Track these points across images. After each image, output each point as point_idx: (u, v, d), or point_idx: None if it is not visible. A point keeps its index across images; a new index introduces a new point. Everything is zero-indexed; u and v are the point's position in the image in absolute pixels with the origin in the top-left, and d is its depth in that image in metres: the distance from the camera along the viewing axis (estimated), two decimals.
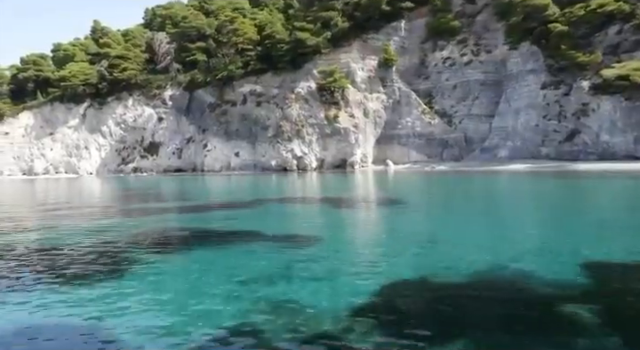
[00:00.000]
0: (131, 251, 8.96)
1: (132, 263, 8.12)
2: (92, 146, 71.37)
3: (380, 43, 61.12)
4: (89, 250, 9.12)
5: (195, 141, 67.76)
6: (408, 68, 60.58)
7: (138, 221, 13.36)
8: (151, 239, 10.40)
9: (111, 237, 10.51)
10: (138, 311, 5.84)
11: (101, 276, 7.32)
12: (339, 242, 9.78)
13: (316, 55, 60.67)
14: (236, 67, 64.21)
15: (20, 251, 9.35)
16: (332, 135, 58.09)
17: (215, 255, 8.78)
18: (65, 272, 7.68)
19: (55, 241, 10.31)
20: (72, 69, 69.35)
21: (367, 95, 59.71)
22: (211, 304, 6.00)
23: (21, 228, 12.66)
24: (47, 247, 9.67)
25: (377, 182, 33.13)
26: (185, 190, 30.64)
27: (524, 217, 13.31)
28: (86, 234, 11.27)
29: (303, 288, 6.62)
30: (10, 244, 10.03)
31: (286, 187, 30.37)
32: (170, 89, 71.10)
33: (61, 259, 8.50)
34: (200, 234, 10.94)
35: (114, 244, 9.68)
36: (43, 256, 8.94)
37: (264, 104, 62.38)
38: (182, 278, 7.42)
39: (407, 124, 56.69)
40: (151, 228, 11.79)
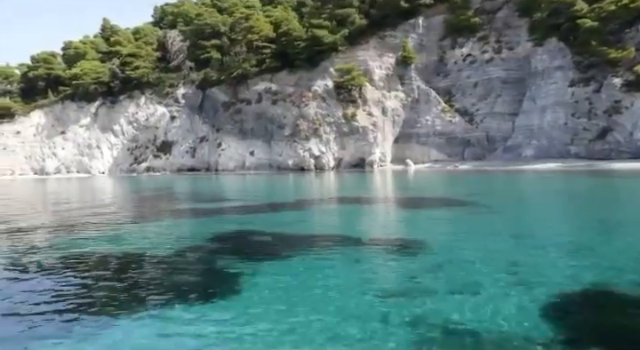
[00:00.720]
0: (218, 260, 8.02)
1: (227, 274, 7.16)
2: (103, 145, 70.52)
3: (397, 41, 60.17)
4: (170, 260, 8.17)
5: (208, 140, 66.85)
6: (426, 66, 59.57)
7: (200, 223, 12.43)
8: (232, 245, 9.47)
9: (186, 243, 9.56)
10: (261, 335, 4.84)
11: (200, 292, 6.34)
12: (446, 248, 8.80)
13: (332, 53, 59.74)
14: (251, 64, 63.28)
15: (96, 262, 8.43)
16: (349, 134, 57.14)
17: (318, 263, 7.81)
18: (156, 286, 6.70)
19: (125, 248, 9.37)
20: (84, 67, 68.49)
21: (385, 93, 58.73)
22: (353, 325, 5.02)
23: (85, 237, 11.73)
24: (119, 255, 8.73)
25: (409, 181, 32.14)
26: (219, 190, 29.60)
27: (617, 217, 12.32)
28: (154, 239, 10.32)
29: (450, 302, 5.68)
30: (83, 254, 9.10)
31: (319, 187, 29.38)
32: (182, 87, 70.19)
33: (145, 271, 7.55)
34: (280, 237, 9.99)
35: (194, 252, 8.73)
36: (124, 267, 8.00)
37: (280, 102, 61.43)
38: (297, 291, 6.42)
39: (427, 123, 55.68)
40: (221, 232, 10.84)
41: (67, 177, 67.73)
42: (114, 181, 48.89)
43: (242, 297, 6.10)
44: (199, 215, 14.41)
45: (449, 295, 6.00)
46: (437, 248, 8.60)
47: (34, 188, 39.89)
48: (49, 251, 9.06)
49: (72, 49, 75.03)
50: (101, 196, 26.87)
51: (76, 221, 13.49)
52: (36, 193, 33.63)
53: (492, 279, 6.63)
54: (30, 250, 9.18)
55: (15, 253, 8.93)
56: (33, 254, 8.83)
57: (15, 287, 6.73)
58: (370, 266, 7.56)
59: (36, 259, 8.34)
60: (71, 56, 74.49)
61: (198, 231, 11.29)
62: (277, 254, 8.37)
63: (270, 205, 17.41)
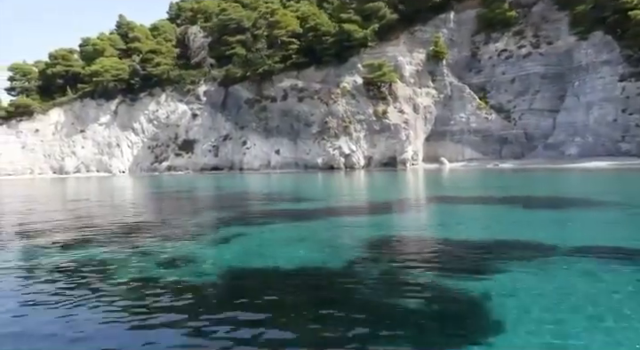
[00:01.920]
0: (415, 273, 6.44)
1: (458, 295, 5.54)
2: (123, 143, 69.15)
3: (427, 36, 58.60)
4: (364, 276, 6.60)
5: (232, 138, 65.36)
6: (457, 62, 57.96)
7: (326, 227, 10.88)
8: (417, 253, 7.90)
9: (351, 253, 8.00)
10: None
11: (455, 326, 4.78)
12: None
13: (361, 48, 58.20)
14: (274, 61, 61.80)
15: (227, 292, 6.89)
16: (380, 132, 55.56)
17: (571, 271, 6.21)
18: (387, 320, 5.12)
19: (283, 263, 7.82)
20: (104, 64, 67.10)
21: (416, 90, 57.14)
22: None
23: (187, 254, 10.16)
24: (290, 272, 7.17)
25: (466, 181, 30.50)
26: (280, 189, 27.79)
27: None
28: (310, 249, 8.76)
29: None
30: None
31: (387, 185, 27.67)
32: (204, 84, 68.82)
33: (355, 296, 5.96)
34: (453, 243, 8.41)
35: (376, 263, 7.17)
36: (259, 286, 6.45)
37: (307, 99, 59.89)
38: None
39: (460, 120, 54.07)
40: (371, 237, 9.30)
41: (86, 176, 66.38)
42: (141, 181, 47.32)
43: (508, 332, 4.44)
44: (308, 218, 12.86)
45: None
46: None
47: (71, 189, 38.42)
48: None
49: (90, 45, 73.62)
50: (164, 198, 25.32)
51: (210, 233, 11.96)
52: (81, 193, 32.13)
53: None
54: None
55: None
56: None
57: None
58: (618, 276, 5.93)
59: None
60: (89, 53, 73.11)
61: (339, 236, 9.76)
62: (481, 263, 6.80)
63: (374, 205, 15.79)
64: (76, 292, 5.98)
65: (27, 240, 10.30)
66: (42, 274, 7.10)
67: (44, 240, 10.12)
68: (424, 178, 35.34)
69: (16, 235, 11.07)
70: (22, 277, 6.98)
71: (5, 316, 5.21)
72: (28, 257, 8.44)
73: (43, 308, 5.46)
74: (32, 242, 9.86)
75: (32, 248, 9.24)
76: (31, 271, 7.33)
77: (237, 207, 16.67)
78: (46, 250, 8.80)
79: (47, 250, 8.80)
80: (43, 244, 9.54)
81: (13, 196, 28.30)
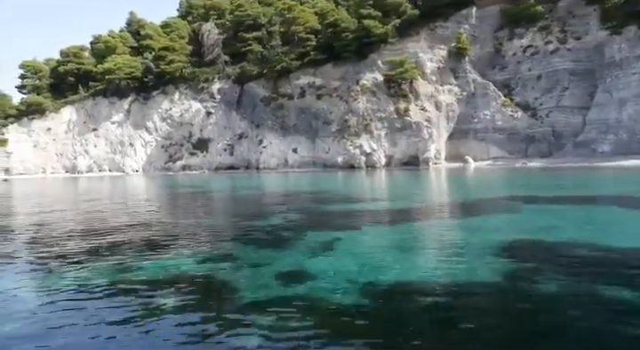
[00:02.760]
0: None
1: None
2: (136, 142, 68.01)
3: (448, 32, 57.31)
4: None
5: (247, 137, 64.17)
6: (480, 58, 56.64)
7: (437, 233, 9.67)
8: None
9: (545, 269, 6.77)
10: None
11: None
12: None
13: (381, 45, 56.91)
14: (291, 58, 60.59)
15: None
16: (402, 130, 54.27)
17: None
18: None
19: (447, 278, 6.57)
20: (116, 62, 65.95)
21: (438, 87, 55.82)
22: None
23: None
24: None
25: (506, 179, 29.18)
26: (323, 188, 26.42)
27: None
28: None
29: None
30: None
31: (428, 185, 26.38)
32: (218, 82, 67.66)
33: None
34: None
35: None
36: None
37: (325, 97, 58.65)
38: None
39: (485, 118, 52.73)
40: (491, 244, 8.05)
41: (99, 175, 65.25)
42: (161, 180, 46.08)
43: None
44: (394, 220, 11.60)
45: None
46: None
47: (95, 189, 37.19)
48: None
49: (101, 43, 72.50)
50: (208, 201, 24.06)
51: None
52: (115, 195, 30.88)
53: None
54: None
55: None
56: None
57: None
58: None
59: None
60: (101, 50, 72.00)
61: (453, 242, 8.51)
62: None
63: (455, 206, 14.48)
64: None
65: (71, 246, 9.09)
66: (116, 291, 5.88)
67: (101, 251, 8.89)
68: (461, 177, 34.02)
69: (44, 240, 9.87)
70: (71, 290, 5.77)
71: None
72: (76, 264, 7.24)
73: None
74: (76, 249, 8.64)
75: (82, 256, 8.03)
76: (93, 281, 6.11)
77: (303, 208, 15.40)
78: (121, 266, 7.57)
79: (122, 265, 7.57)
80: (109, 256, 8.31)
81: (32, 197, 27.10)
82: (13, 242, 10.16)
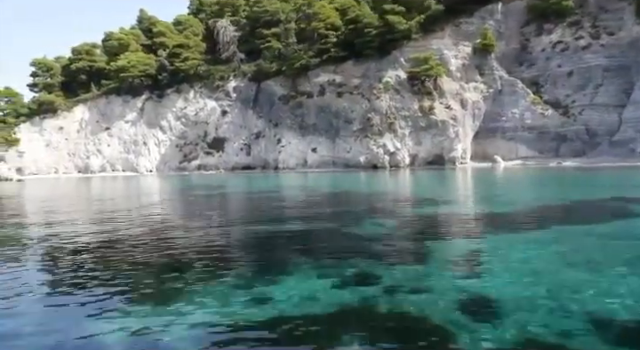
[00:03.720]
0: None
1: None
2: (150, 141, 66.49)
3: (473, 28, 55.82)
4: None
5: (265, 136, 62.61)
6: (505, 55, 55.08)
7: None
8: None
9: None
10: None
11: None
12: None
13: (404, 41, 55.36)
14: (309, 55, 59.06)
15: None
16: (426, 129, 52.70)
17: None
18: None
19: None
20: (130, 59, 64.43)
21: (463, 85, 54.25)
22: None
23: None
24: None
25: (553, 179, 27.56)
26: (381, 189, 24.90)
27: None
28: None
29: None
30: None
31: (479, 186, 24.77)
32: (233, 80, 66.16)
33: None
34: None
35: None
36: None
37: (346, 95, 57.07)
38: None
39: (513, 116, 51.13)
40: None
41: (112, 175, 63.75)
42: (182, 180, 44.48)
43: None
44: (522, 228, 10.05)
45: None
46: None
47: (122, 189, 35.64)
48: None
49: (114, 40, 70.90)
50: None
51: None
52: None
53: None
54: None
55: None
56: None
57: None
58: None
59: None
60: (113, 47, 70.43)
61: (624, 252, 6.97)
62: None
63: (561, 209, 12.94)
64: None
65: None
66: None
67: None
68: (507, 177, 32.41)
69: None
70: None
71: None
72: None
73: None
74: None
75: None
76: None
77: (389, 212, 13.84)
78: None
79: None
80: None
81: (52, 198, 25.58)
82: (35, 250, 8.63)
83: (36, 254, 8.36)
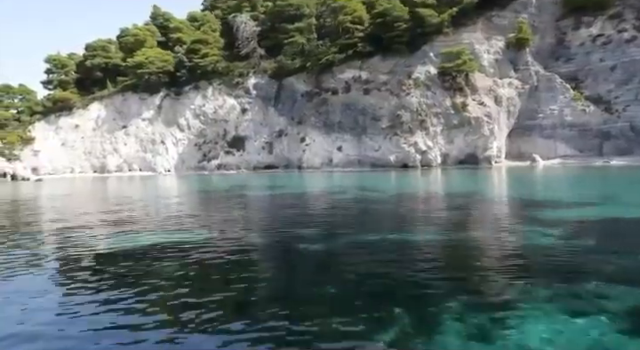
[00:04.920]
0: None
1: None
2: (168, 140, 64.53)
3: (505, 22, 53.69)
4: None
5: (287, 135, 60.51)
6: (540, 50, 52.88)
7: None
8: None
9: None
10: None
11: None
12: None
13: (434, 36, 53.21)
14: (333, 51, 56.97)
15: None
16: (459, 126, 50.56)
17: None
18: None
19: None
20: (148, 55, 62.46)
21: (497, 80, 52.08)
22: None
23: None
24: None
25: (619, 179, 25.33)
26: (450, 190, 22.92)
27: None
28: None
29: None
30: None
31: (580, 188, 22.58)
32: (253, 77, 64.08)
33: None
34: None
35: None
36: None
37: (373, 92, 54.96)
38: None
39: (552, 113, 48.91)
40: None
41: (128, 175, 61.81)
42: (205, 182, 42.41)
43: None
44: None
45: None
46: None
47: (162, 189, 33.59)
48: None
49: (130, 36, 69.05)
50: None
51: None
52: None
53: None
54: None
55: None
56: None
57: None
58: None
59: None
60: (129, 44, 68.54)
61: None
62: None
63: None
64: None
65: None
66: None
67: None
68: (563, 176, 30.23)
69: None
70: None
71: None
72: None
73: None
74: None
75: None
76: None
77: (541, 217, 11.76)
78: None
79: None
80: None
81: (78, 200, 23.56)
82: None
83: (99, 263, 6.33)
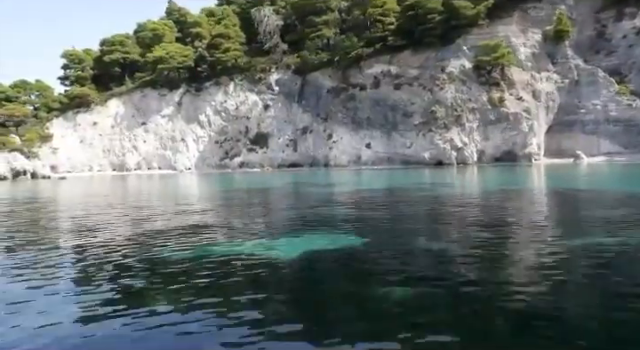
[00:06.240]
0: None
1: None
2: (188, 137, 62.69)
3: (542, 14, 51.88)
4: None
5: (312, 131, 58.65)
6: (579, 43, 50.97)
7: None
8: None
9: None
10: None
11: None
12: None
13: (468, 29, 51.29)
14: (361, 45, 55.10)
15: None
16: (496, 122, 48.62)
17: None
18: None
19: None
20: (169, 50, 60.61)
21: (534, 74, 50.14)
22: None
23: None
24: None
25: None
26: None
27: None
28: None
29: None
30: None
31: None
32: (276, 72, 62.24)
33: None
34: None
35: None
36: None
37: (404, 87, 53.06)
38: None
39: (595, 108, 46.95)
40: None
41: (148, 173, 59.95)
42: (233, 181, 40.48)
43: None
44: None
45: None
46: None
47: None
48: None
49: (148, 31, 67.23)
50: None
51: None
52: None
53: None
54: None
55: None
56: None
57: None
58: None
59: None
60: (147, 39, 66.72)
61: None
62: None
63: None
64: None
65: None
66: None
67: None
68: (625, 175, 28.25)
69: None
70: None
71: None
72: None
73: None
74: None
75: None
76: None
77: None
78: None
79: None
80: None
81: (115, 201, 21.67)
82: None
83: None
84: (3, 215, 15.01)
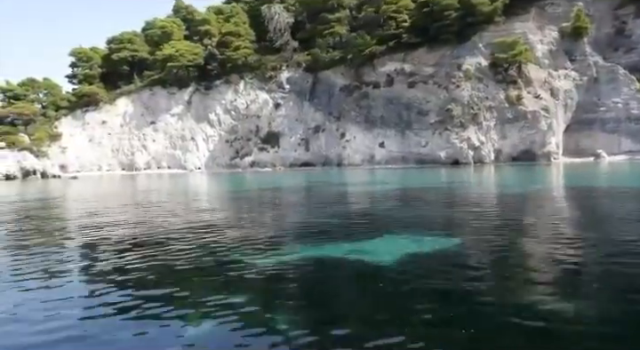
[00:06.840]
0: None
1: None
2: (198, 136, 61.96)
3: (559, 11, 51.10)
4: None
5: (324, 130, 57.87)
6: (597, 40, 50.10)
7: None
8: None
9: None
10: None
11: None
12: None
13: (484, 25, 50.47)
14: (374, 43, 54.27)
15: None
16: (513, 121, 47.76)
17: None
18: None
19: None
20: (178, 48, 59.84)
21: (552, 72, 49.28)
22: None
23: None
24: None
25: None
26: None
27: None
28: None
29: None
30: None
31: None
32: (287, 70, 61.47)
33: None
34: None
35: None
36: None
37: (419, 85, 52.24)
38: None
39: (615, 106, 46.12)
40: None
41: (157, 173, 59.21)
42: (248, 181, 39.65)
43: None
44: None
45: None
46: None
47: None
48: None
49: (156, 29, 66.44)
50: None
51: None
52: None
53: None
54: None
55: None
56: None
57: None
58: None
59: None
60: (155, 37, 65.94)
61: None
62: None
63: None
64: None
65: None
66: None
67: None
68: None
69: None
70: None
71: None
72: None
73: None
74: None
75: None
76: None
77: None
78: None
79: None
80: None
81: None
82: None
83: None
84: (35, 215, 14.24)
